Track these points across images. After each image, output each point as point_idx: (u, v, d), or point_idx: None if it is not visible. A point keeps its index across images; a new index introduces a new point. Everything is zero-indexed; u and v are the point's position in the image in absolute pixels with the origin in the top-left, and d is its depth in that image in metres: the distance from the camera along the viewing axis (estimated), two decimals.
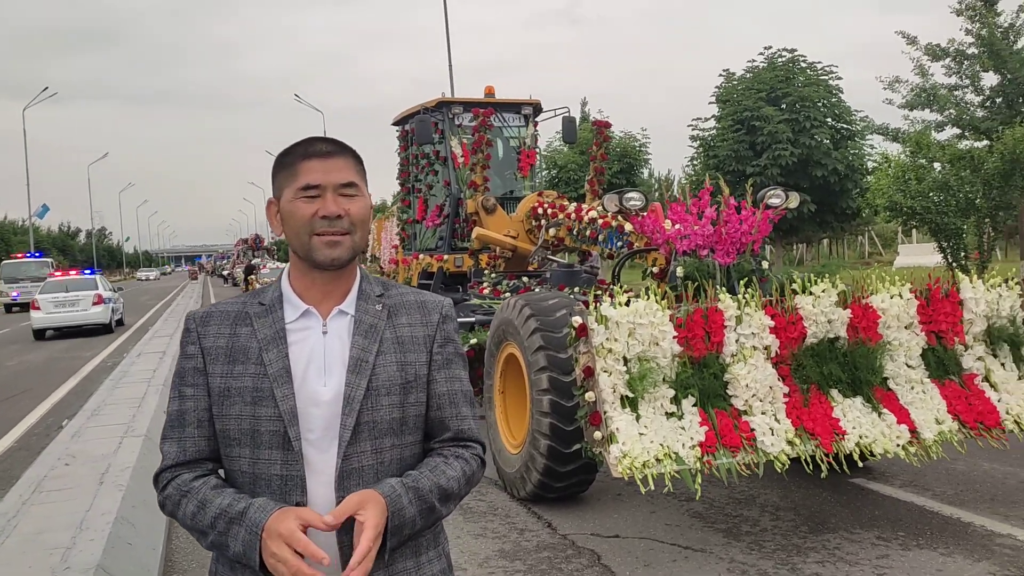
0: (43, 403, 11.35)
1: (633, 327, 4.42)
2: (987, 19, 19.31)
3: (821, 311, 4.77)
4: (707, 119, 24.71)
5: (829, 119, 23.16)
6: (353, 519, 1.58)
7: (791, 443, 4.48)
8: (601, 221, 6.92)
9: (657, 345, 4.46)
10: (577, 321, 4.47)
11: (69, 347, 19.33)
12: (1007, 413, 4.92)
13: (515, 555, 4.84)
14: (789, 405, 4.61)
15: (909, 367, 4.95)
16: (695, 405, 4.48)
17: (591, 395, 4.37)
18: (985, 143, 18.24)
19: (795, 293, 4.83)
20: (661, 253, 5.90)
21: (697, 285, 5.02)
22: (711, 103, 24.63)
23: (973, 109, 20.45)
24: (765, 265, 5.75)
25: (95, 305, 22.48)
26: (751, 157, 22.80)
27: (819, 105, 22.92)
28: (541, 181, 22.36)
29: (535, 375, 5.33)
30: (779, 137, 22.20)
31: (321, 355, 1.70)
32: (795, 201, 5.99)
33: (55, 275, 26.71)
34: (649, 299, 4.52)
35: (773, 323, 4.70)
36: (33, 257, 40.34)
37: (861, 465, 5.85)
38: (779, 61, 23.83)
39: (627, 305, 4.45)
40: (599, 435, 4.31)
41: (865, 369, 4.80)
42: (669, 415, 4.42)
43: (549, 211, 7.93)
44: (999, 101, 19.99)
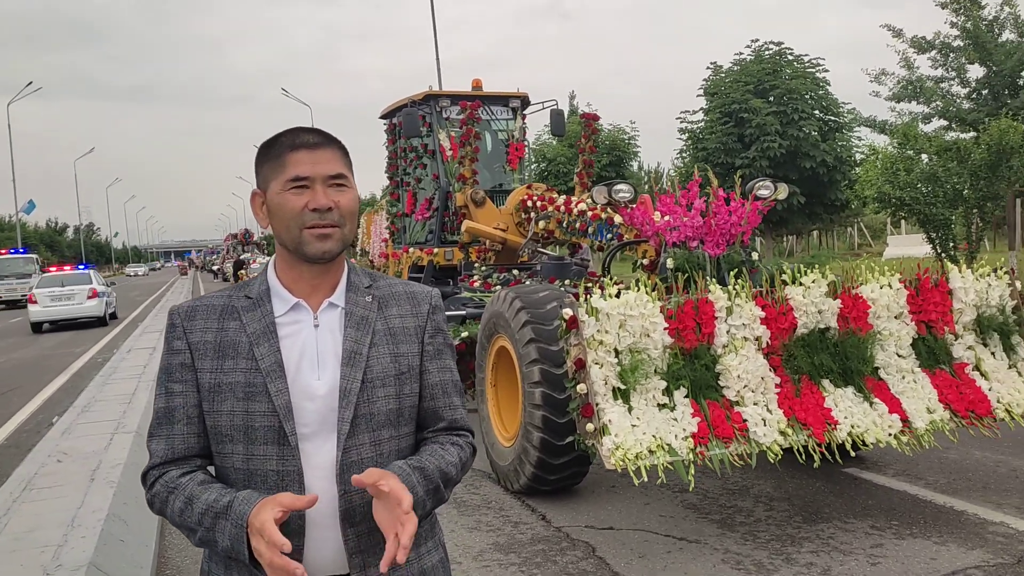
0: (33, 400, 11.29)
1: (624, 319, 4.42)
2: (972, 12, 19.40)
3: (811, 301, 4.78)
4: (695, 112, 24.76)
5: (817, 111, 23.20)
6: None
7: (783, 433, 4.49)
8: (591, 213, 6.92)
9: (648, 336, 4.46)
10: (568, 313, 4.47)
11: (59, 344, 19.22)
12: (998, 402, 4.94)
13: (510, 548, 4.84)
14: (781, 395, 4.62)
15: (900, 357, 4.96)
16: (687, 396, 4.48)
17: (583, 387, 4.37)
18: (972, 134, 18.33)
19: (785, 284, 4.83)
20: (651, 245, 5.90)
21: (687, 276, 5.03)
22: (699, 96, 24.65)
23: (959, 101, 20.55)
24: (755, 256, 5.76)
25: (90, 299, 23.16)
26: (740, 149, 22.83)
27: (807, 97, 22.97)
28: (530, 174, 22.31)
29: (526, 368, 5.33)
30: (767, 129, 22.24)
31: (314, 348, 1.68)
32: (784, 192, 5.98)
33: (50, 271, 27.48)
34: (640, 291, 4.52)
35: (764, 314, 4.71)
36: (17, 253, 39.08)
37: (853, 455, 5.91)
38: (766, 54, 23.84)
39: (618, 297, 4.45)
40: (591, 427, 4.31)
41: (856, 359, 4.81)
42: (661, 406, 4.43)
43: (538, 204, 7.92)
44: (985, 93, 20.11)
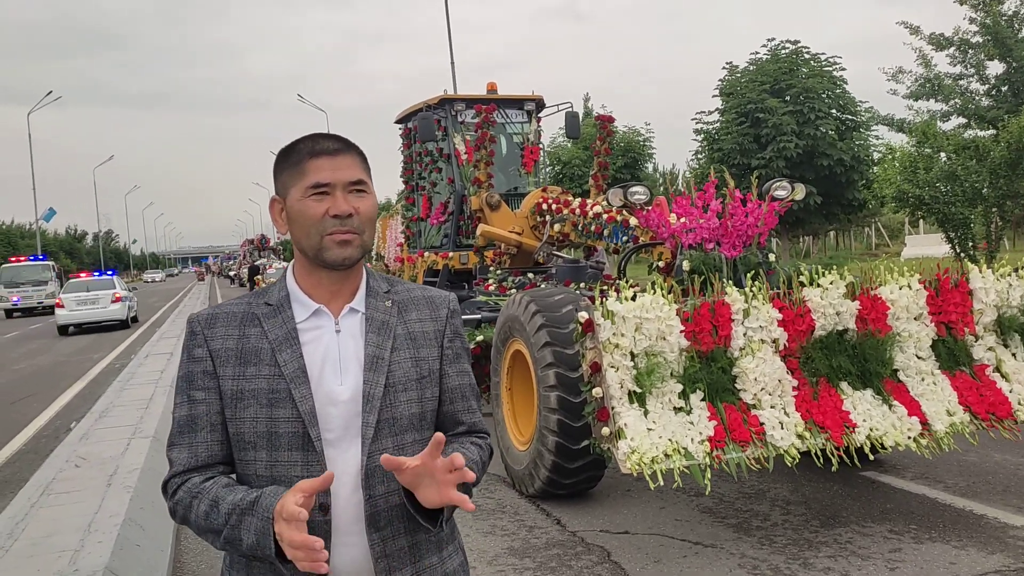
0: (51, 406, 11.38)
1: (640, 322, 4.39)
2: (991, 7, 19.22)
3: (829, 303, 4.73)
4: (711, 112, 24.62)
5: (834, 110, 23.00)
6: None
7: (801, 437, 4.45)
8: (606, 216, 6.89)
9: (664, 339, 4.43)
10: (583, 316, 4.44)
11: (77, 350, 19.37)
12: (1019, 404, 4.87)
13: (524, 553, 4.82)
14: (798, 398, 4.58)
15: (919, 358, 4.91)
16: (703, 399, 4.45)
17: (598, 391, 4.34)
18: (991, 132, 18.16)
19: (803, 285, 4.79)
20: (667, 247, 5.86)
21: (704, 279, 4.99)
22: (715, 96, 24.52)
23: (978, 98, 20.37)
24: (772, 258, 5.71)
25: (113, 303, 24.62)
26: (756, 150, 22.68)
27: (823, 96, 22.76)
28: (545, 177, 22.30)
29: (542, 371, 5.31)
30: (784, 129, 22.07)
31: (336, 354, 1.68)
32: (801, 193, 5.92)
33: (80, 276, 29.36)
34: (655, 293, 4.49)
35: (781, 316, 4.66)
36: (34, 260, 38.61)
37: (872, 458, 5.84)
38: (782, 53, 23.67)
39: (633, 300, 4.42)
40: (607, 431, 4.28)
41: (875, 361, 4.76)
42: (677, 410, 4.39)
43: (554, 207, 7.89)
44: (1005, 89, 19.93)
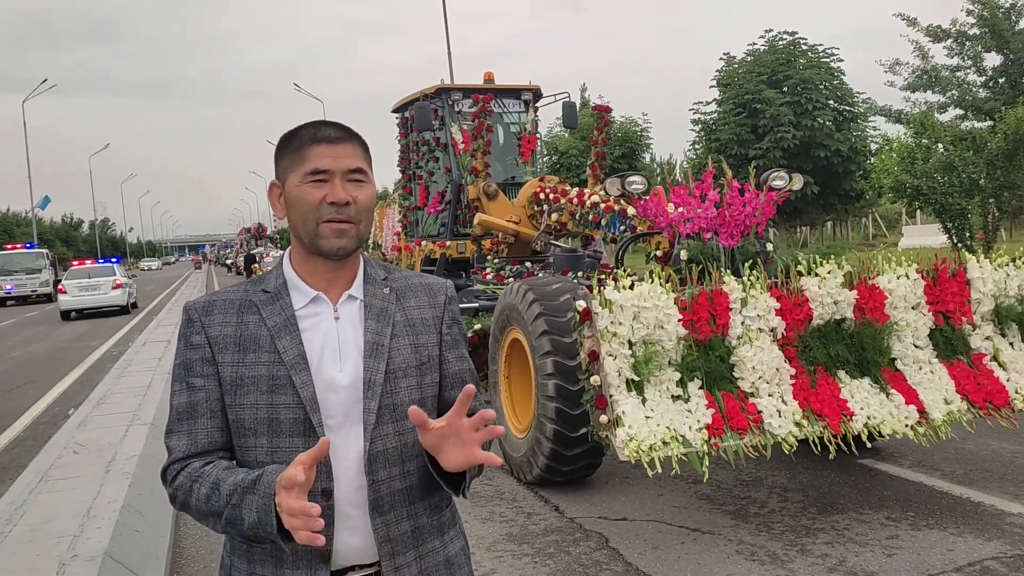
0: (49, 392, 11.38)
1: (638, 310, 4.40)
2: None
3: (827, 292, 4.75)
4: (708, 103, 24.57)
5: (831, 101, 22.97)
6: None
7: (798, 425, 4.47)
8: (604, 205, 6.89)
9: (662, 328, 4.44)
10: (581, 305, 4.45)
11: (74, 337, 19.35)
12: (1016, 392, 4.89)
13: (523, 539, 4.84)
14: (796, 387, 4.59)
15: (917, 347, 4.93)
16: (701, 388, 4.46)
17: (596, 379, 4.35)
18: (988, 123, 18.16)
19: (800, 275, 4.80)
20: (665, 236, 5.87)
21: (701, 268, 5.00)
22: (712, 87, 24.47)
23: (975, 90, 20.35)
24: (769, 247, 5.72)
25: (114, 289, 25.55)
26: (753, 140, 22.65)
27: (821, 87, 22.74)
28: (542, 167, 22.29)
29: (540, 360, 5.32)
30: (781, 120, 22.04)
31: (335, 341, 1.69)
32: (799, 183, 5.93)
33: (84, 263, 30.05)
34: (653, 282, 4.50)
35: (779, 305, 4.67)
36: (27, 248, 38.02)
37: (869, 446, 5.87)
38: (780, 44, 23.63)
39: (631, 288, 4.43)
40: (605, 419, 4.30)
41: (872, 350, 4.78)
42: (675, 398, 4.41)
43: (551, 196, 7.89)
44: (1002, 81, 19.91)
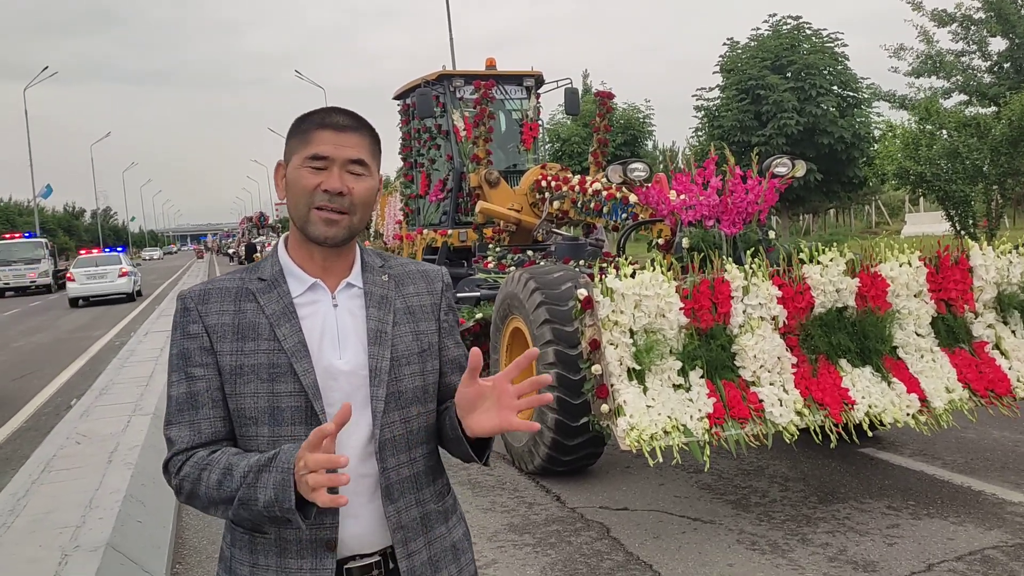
0: (52, 383, 11.40)
1: (639, 299, 4.38)
2: None
3: (829, 280, 4.72)
4: (711, 89, 24.44)
5: (835, 87, 22.82)
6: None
7: (800, 413, 4.45)
8: (605, 193, 6.86)
9: (663, 317, 4.42)
10: (582, 294, 4.43)
11: (77, 327, 19.39)
12: (1018, 381, 4.87)
13: (524, 529, 4.84)
14: (797, 375, 4.58)
15: (919, 336, 4.90)
16: (703, 377, 4.45)
17: (597, 368, 4.34)
18: (993, 109, 18.06)
19: (802, 262, 4.78)
20: (666, 224, 5.85)
21: (703, 256, 4.98)
22: (715, 72, 24.34)
23: (980, 75, 20.23)
24: (772, 235, 5.69)
25: (120, 277, 26.95)
26: (756, 127, 22.53)
27: (825, 73, 22.57)
28: (544, 154, 22.22)
29: (541, 348, 5.31)
30: (784, 106, 21.92)
31: (334, 328, 1.68)
32: (801, 170, 5.89)
33: (91, 252, 31.43)
34: (655, 270, 4.48)
35: (780, 293, 4.65)
36: (26, 238, 37.36)
37: (871, 435, 5.86)
38: (784, 29, 23.47)
39: (633, 277, 4.41)
40: (606, 408, 4.29)
41: (874, 338, 4.76)
42: (676, 387, 4.40)
43: (553, 184, 7.86)
44: (1007, 66, 19.77)
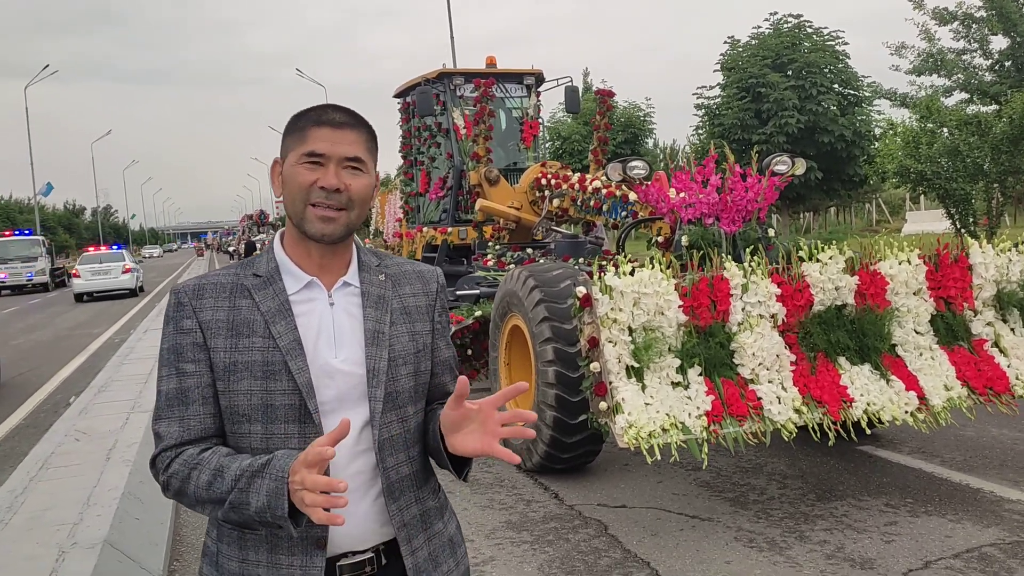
0: (51, 380, 11.40)
1: (638, 297, 4.38)
2: None
3: (828, 278, 4.72)
4: (712, 87, 24.44)
5: (836, 85, 22.82)
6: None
7: (798, 411, 4.45)
8: (605, 191, 6.86)
9: (662, 314, 4.42)
10: (581, 291, 4.43)
11: (77, 324, 19.39)
12: (1016, 379, 4.87)
13: (522, 526, 4.84)
14: (796, 373, 4.58)
15: (918, 333, 4.90)
16: (701, 374, 4.45)
17: (596, 365, 4.34)
18: (994, 108, 18.04)
19: (802, 260, 4.77)
20: (666, 222, 5.84)
21: (702, 254, 4.98)
22: (716, 71, 24.33)
23: (981, 73, 20.22)
24: (771, 233, 5.69)
25: (124, 273, 28.19)
26: (757, 125, 22.53)
27: (826, 71, 22.57)
28: (544, 152, 22.24)
29: (540, 346, 5.30)
30: (785, 104, 21.91)
31: (330, 327, 1.67)
32: (801, 168, 5.88)
33: (98, 249, 32.71)
34: (654, 268, 4.48)
35: (780, 291, 4.65)
36: (21, 235, 36.46)
37: (869, 432, 5.86)
38: (785, 27, 23.46)
39: (632, 275, 4.41)
40: (605, 405, 4.29)
41: (873, 336, 4.75)
42: (675, 385, 4.40)
43: (553, 182, 7.86)
44: (1008, 65, 19.77)
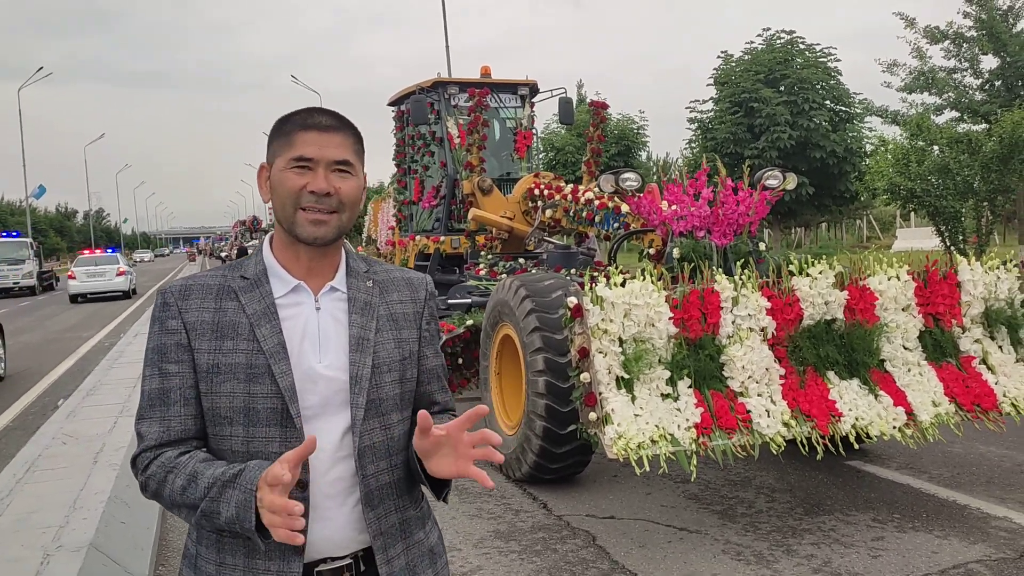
0: (39, 383, 11.33)
1: (629, 308, 4.39)
2: (986, 2, 19.22)
3: (818, 292, 4.74)
4: (705, 101, 24.58)
5: (828, 101, 22.98)
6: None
7: (787, 425, 4.47)
8: (598, 202, 6.89)
9: (653, 326, 4.43)
10: (572, 302, 4.44)
11: (66, 328, 19.30)
12: (1004, 396, 4.90)
13: (510, 536, 4.83)
14: (785, 387, 4.59)
15: (906, 349, 4.93)
16: (691, 386, 4.46)
17: (586, 376, 4.35)
18: (984, 126, 18.18)
19: (792, 274, 4.80)
20: (658, 234, 5.87)
21: (693, 266, 5.00)
22: (709, 85, 24.48)
23: (972, 92, 20.38)
24: (762, 247, 5.72)
25: (118, 276, 29.04)
26: (749, 140, 22.66)
27: (818, 87, 22.75)
28: (538, 163, 22.26)
29: (531, 356, 5.31)
30: (777, 119, 22.05)
31: (316, 331, 1.66)
32: (792, 182, 5.92)
33: (94, 252, 33.78)
34: (645, 280, 4.49)
35: (770, 304, 4.67)
36: (8, 237, 35.67)
37: (857, 447, 5.88)
38: (777, 43, 23.63)
39: (623, 286, 4.42)
40: (594, 416, 4.29)
41: (862, 351, 4.77)
42: (665, 396, 4.40)
43: (546, 192, 7.88)
44: (998, 84, 19.93)
